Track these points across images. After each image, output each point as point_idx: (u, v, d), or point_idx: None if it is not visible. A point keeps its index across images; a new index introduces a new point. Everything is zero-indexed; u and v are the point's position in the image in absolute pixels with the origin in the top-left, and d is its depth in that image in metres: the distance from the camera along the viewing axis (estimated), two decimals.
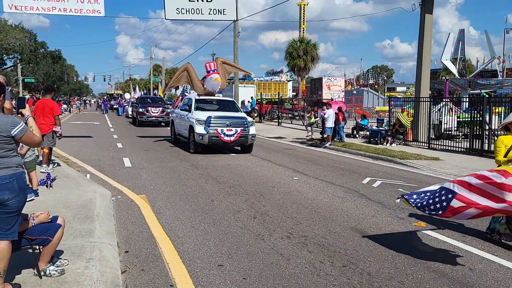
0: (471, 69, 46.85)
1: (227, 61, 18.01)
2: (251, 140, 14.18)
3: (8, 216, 3.54)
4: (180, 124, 16.00)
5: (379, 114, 30.81)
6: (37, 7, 17.81)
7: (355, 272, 4.59)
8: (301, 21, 59.81)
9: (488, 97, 16.49)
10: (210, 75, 15.86)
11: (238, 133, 13.67)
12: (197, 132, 13.60)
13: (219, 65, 16.43)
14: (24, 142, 3.76)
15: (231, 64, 18.30)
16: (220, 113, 14.47)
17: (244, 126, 13.91)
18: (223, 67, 16.84)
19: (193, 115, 14.40)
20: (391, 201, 7.89)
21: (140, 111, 27.28)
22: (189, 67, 17.00)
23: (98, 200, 6.95)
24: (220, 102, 16.11)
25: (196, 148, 13.93)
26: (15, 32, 43.90)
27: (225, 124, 13.72)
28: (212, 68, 16.00)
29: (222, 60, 17.39)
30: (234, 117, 14.27)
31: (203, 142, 13.67)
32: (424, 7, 17.42)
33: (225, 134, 13.55)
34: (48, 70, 68.67)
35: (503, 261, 4.99)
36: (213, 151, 14.25)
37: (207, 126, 13.52)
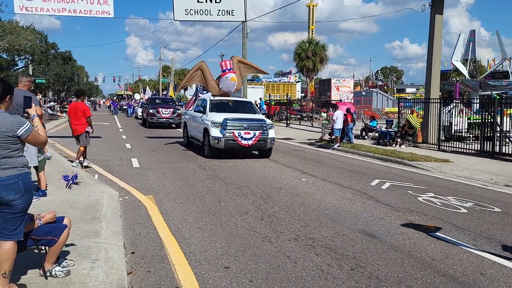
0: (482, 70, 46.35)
1: (243, 60, 17.02)
2: (270, 144, 13.30)
3: (13, 217, 3.53)
4: (194, 126, 15.25)
5: (388, 116, 30.60)
6: (47, 9, 17.95)
7: (363, 275, 4.52)
8: (310, 22, 59.61)
9: (500, 99, 16.27)
10: (225, 74, 14.96)
11: (257, 137, 12.86)
12: (213, 136, 12.85)
13: (235, 64, 15.51)
14: (30, 142, 3.73)
15: (247, 63, 17.17)
16: (237, 115, 13.62)
17: (262, 129, 13.04)
18: (239, 66, 15.87)
19: (208, 117, 13.62)
20: (400, 203, 7.80)
21: (150, 112, 26.70)
22: (203, 65, 16.14)
23: (106, 201, 6.95)
24: (236, 103, 15.40)
25: (211, 152, 13.17)
26: (27, 34, 44.26)
27: (242, 126, 12.90)
28: (228, 67, 15.09)
29: (238, 58, 16.44)
30: (252, 119, 13.43)
31: (219, 146, 12.89)
32: (434, 8, 17.26)
33: (242, 138, 12.76)
34: (58, 71, 69.22)
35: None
36: (229, 156, 13.49)
37: (223, 129, 12.74)
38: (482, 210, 7.42)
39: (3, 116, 3.57)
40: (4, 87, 3.72)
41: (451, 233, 6.03)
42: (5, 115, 3.60)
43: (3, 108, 3.67)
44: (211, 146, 13.03)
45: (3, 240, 3.54)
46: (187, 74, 16.80)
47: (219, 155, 13.23)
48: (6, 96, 3.70)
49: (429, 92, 17.60)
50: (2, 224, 3.54)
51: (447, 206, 7.64)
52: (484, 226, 6.44)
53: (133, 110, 42.67)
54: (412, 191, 8.90)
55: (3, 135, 3.49)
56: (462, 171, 11.34)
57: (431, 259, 5.03)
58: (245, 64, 16.80)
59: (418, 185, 9.53)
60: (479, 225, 6.49)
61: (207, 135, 13.29)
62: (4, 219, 3.53)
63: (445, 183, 10.01)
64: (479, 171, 11.38)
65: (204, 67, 15.99)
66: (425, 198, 8.25)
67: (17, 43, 41.89)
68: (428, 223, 6.53)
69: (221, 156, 13.27)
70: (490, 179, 10.26)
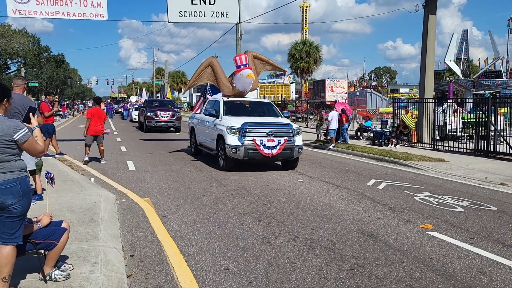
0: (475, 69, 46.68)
1: (259, 55, 14.73)
2: (298, 153, 11.29)
3: (12, 221, 3.51)
4: (204, 132, 13.14)
5: (382, 116, 30.74)
6: (40, 12, 17.85)
7: (363, 275, 4.53)
8: (304, 23, 59.80)
9: (493, 98, 16.40)
10: (240, 71, 13.01)
11: (282, 144, 10.83)
12: (229, 144, 10.83)
13: (250, 60, 13.61)
14: (25, 149, 3.63)
15: (263, 59, 14.82)
16: (258, 119, 11.62)
17: (288, 135, 11.08)
18: (254, 62, 13.95)
19: (222, 121, 11.62)
20: (397, 203, 7.83)
21: (148, 116, 25.09)
22: (213, 61, 14.29)
23: (103, 204, 6.92)
24: (254, 104, 13.52)
25: (227, 163, 11.09)
26: (19, 37, 44.05)
27: (265, 133, 10.89)
28: (243, 62, 13.16)
29: (253, 53, 14.36)
30: (275, 124, 11.40)
31: (236, 157, 10.86)
32: (428, 8, 17.36)
33: (265, 146, 10.74)
34: (51, 74, 68.86)
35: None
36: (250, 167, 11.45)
37: (242, 135, 10.77)
38: (479, 208, 7.47)
39: (1, 120, 3.54)
40: (2, 90, 3.69)
41: (449, 232, 6.07)
42: (3, 119, 3.57)
43: (1, 111, 3.65)
44: (228, 157, 10.99)
45: (2, 245, 3.52)
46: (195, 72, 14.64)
47: (237, 167, 11.25)
48: (3, 99, 3.68)
49: (423, 92, 17.69)
50: (1, 228, 3.51)
51: (444, 205, 7.68)
52: (480, 224, 6.48)
53: (128, 113, 42.17)
54: (408, 190, 8.94)
55: (0, 139, 3.47)
56: (457, 170, 11.41)
57: (430, 258, 5.06)
58: (261, 60, 14.70)
59: (414, 185, 9.58)
60: (476, 223, 6.53)
61: (221, 143, 11.30)
62: (2, 223, 3.50)
63: (440, 182, 10.07)
64: (474, 170, 11.45)
65: (214, 63, 14.22)
66: (421, 197, 8.29)
67: (10, 46, 41.67)
68: (425, 222, 6.56)
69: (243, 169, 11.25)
70: (485, 178, 10.33)
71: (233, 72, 13.50)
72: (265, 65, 14.84)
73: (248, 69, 13.03)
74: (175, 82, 79.94)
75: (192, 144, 14.69)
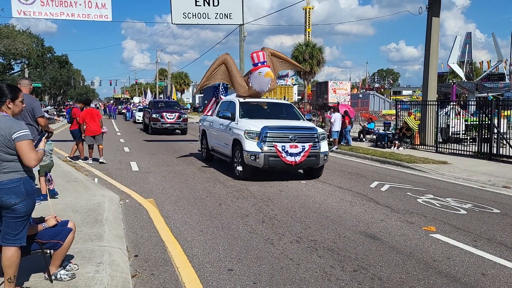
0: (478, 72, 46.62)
1: (277, 53, 13.55)
2: (323, 160, 10.24)
3: (16, 221, 3.50)
4: (218, 136, 12.08)
5: (385, 118, 30.73)
6: (45, 12, 17.94)
7: (366, 277, 4.55)
8: (307, 25, 59.79)
9: (496, 101, 16.38)
10: (258, 69, 11.93)
11: (306, 151, 9.80)
12: (248, 150, 9.80)
13: (267, 58, 12.48)
14: (18, 150, 3.49)
15: (282, 57, 13.73)
16: (279, 122, 10.62)
17: (313, 141, 10.04)
18: (271, 60, 12.85)
19: (239, 125, 10.62)
20: (400, 205, 7.84)
21: (153, 117, 24.35)
22: (228, 59, 13.13)
23: (107, 204, 6.95)
24: (273, 106, 12.55)
25: (245, 172, 10.07)
26: (23, 38, 44.24)
27: (287, 138, 9.83)
28: (261, 60, 12.07)
29: (270, 50, 13.18)
30: (299, 128, 10.32)
31: (255, 165, 9.82)
32: (431, 11, 17.37)
33: (287, 153, 9.70)
34: (55, 74, 69.13)
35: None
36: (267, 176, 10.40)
37: (262, 141, 9.72)
38: (481, 211, 7.47)
39: (6, 120, 3.54)
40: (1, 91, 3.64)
41: (452, 234, 6.07)
42: (8, 119, 3.56)
43: (8, 112, 3.65)
44: (245, 164, 9.97)
45: (6, 246, 3.54)
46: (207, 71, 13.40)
47: (255, 176, 10.20)
48: (5, 99, 3.63)
49: (426, 94, 17.69)
50: (4, 229, 3.52)
51: (447, 207, 7.69)
52: (484, 227, 6.49)
53: (131, 114, 41.99)
54: (411, 192, 8.95)
55: (3, 138, 3.46)
56: (460, 173, 11.40)
57: (433, 260, 5.07)
58: (279, 57, 13.56)
59: (417, 187, 9.58)
60: (479, 226, 6.54)
61: (238, 149, 10.29)
62: (6, 223, 3.51)
63: (443, 184, 10.07)
64: (477, 172, 11.45)
65: (229, 61, 13.07)
66: (424, 199, 8.30)
67: (14, 47, 41.85)
68: (428, 224, 6.57)
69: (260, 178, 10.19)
70: (488, 181, 10.33)
71: (249, 71, 12.52)
72: (283, 63, 13.82)
73: (266, 67, 12.01)
74: (178, 83, 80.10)
75: (203, 149, 13.71)
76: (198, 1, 19.87)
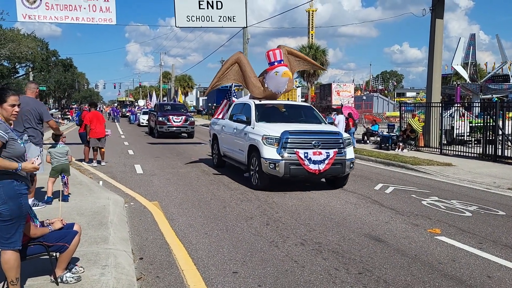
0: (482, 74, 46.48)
1: (294, 51, 12.66)
2: (349, 168, 9.34)
3: (4, 225, 3.48)
4: (231, 142, 11.23)
5: (389, 120, 30.69)
6: (50, 16, 18.06)
7: (371, 279, 4.54)
8: (310, 27, 59.85)
9: (501, 102, 16.33)
10: (274, 69, 10.94)
11: (331, 158, 8.88)
12: (266, 157, 8.93)
13: (284, 56, 11.46)
14: None
15: (299, 56, 12.75)
16: (299, 126, 9.70)
17: (338, 147, 9.15)
18: (288, 59, 11.85)
19: (255, 129, 9.73)
20: (404, 207, 7.83)
21: (160, 120, 23.54)
22: (241, 58, 12.12)
23: (112, 207, 6.98)
24: (292, 109, 11.61)
25: (262, 181, 9.20)
26: (28, 41, 44.52)
27: (310, 143, 8.94)
28: (278, 58, 11.10)
29: (287, 49, 12.23)
30: (322, 133, 9.47)
31: (275, 173, 8.92)
32: (435, 12, 17.35)
33: (310, 160, 8.77)
34: (59, 78, 69.54)
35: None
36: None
37: (282, 147, 8.85)
38: (487, 213, 7.45)
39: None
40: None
41: (457, 237, 6.06)
42: None
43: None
44: (263, 173, 9.11)
45: (1, 249, 3.55)
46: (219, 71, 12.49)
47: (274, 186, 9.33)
48: None
49: (430, 96, 17.65)
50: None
51: (452, 209, 7.67)
52: (489, 229, 6.47)
53: (135, 117, 41.91)
54: (416, 195, 8.93)
55: None
56: (465, 175, 11.37)
57: (438, 262, 5.06)
58: (297, 56, 12.57)
59: (422, 189, 9.56)
60: (484, 228, 6.52)
61: (255, 156, 9.43)
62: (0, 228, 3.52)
63: (448, 186, 10.04)
64: (482, 174, 11.41)
65: (242, 59, 12.07)
66: (429, 202, 8.28)
67: (18, 50, 42.11)
68: (433, 226, 6.56)
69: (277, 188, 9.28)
70: (493, 183, 10.29)
71: (265, 70, 11.51)
72: (300, 62, 12.65)
73: (284, 67, 11.00)
74: (182, 86, 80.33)
75: (214, 154, 12.85)
76: (201, 4, 19.97)
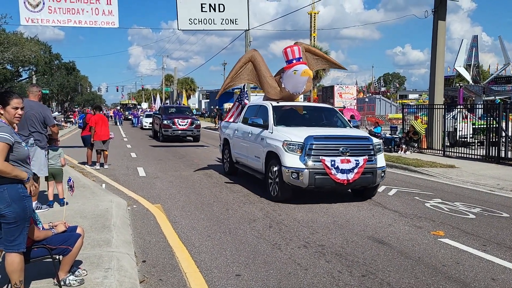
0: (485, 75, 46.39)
1: (312, 49, 11.61)
2: (381, 177, 8.41)
3: (8, 227, 3.49)
4: (245, 147, 10.27)
5: (392, 122, 30.65)
6: (53, 20, 18.13)
7: (375, 282, 4.52)
8: (312, 30, 59.92)
9: (504, 104, 16.29)
10: (292, 67, 9.92)
11: (361, 166, 7.92)
12: (288, 166, 7.96)
13: (301, 54, 10.37)
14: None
15: (318, 54, 11.61)
16: (324, 131, 8.80)
17: (368, 153, 8.17)
18: (306, 57, 10.71)
19: (274, 134, 8.79)
20: (407, 209, 7.80)
21: (165, 124, 22.87)
22: (256, 56, 10.99)
23: (114, 210, 6.98)
24: (311, 111, 10.55)
25: (283, 192, 8.21)
26: (31, 45, 44.75)
27: (337, 150, 7.96)
28: (296, 56, 10.04)
29: (305, 46, 11.13)
30: (350, 138, 8.53)
31: (298, 184, 7.97)
32: (437, 14, 17.34)
33: (338, 169, 7.81)
34: (62, 81, 69.79)
35: None
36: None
37: (306, 154, 7.89)
38: (490, 215, 7.42)
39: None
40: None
41: (461, 239, 6.03)
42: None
43: (2, 118, 3.60)
44: (284, 183, 8.12)
45: (6, 252, 3.56)
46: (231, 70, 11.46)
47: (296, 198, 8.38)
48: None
49: (433, 98, 17.62)
50: (3, 235, 3.54)
51: (455, 212, 7.64)
52: (493, 231, 6.44)
53: (138, 120, 41.92)
54: (419, 197, 8.90)
55: None
56: (468, 177, 11.32)
57: (442, 265, 5.03)
58: (315, 54, 11.46)
59: (425, 191, 9.53)
60: (488, 230, 6.49)
61: (274, 164, 8.48)
62: (3, 230, 3.53)
63: (451, 188, 10.01)
64: (485, 176, 11.36)
65: (257, 57, 10.96)
66: (432, 204, 8.25)
67: (22, 54, 42.32)
68: (437, 229, 6.53)
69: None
70: (497, 185, 10.25)
71: (282, 69, 10.52)
72: (319, 61, 11.50)
73: (303, 65, 9.97)
74: (184, 88, 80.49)
75: (225, 161, 11.94)
76: (204, 7, 19.99)
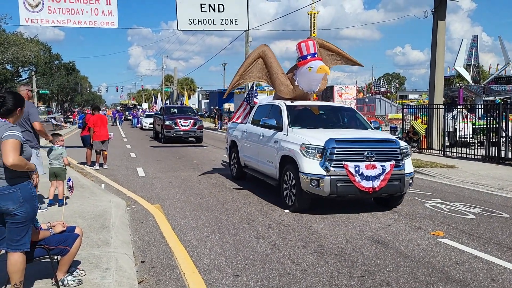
0: (485, 75, 46.39)
1: (327, 44, 10.43)
2: (409, 185, 7.65)
3: (16, 227, 3.50)
4: (256, 150, 9.53)
5: (392, 122, 30.64)
6: (52, 20, 18.16)
7: (374, 282, 4.51)
8: (312, 30, 59.83)
9: (504, 104, 16.28)
10: (307, 63, 9.04)
11: (387, 173, 7.10)
12: (306, 172, 7.14)
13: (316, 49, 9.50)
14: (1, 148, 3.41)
15: (333, 50, 10.46)
16: (344, 133, 7.88)
17: (395, 158, 7.37)
18: (320, 53, 9.78)
19: (289, 136, 7.96)
20: (407, 209, 7.79)
21: (166, 124, 22.21)
22: (266, 52, 10.06)
23: (113, 210, 6.97)
24: (329, 111, 9.64)
25: (301, 202, 7.44)
26: (31, 45, 44.78)
27: (362, 155, 7.13)
28: (311, 51, 9.18)
29: (319, 41, 10.13)
30: (375, 141, 7.65)
31: (318, 193, 7.15)
32: (437, 14, 17.35)
33: (363, 176, 6.98)
34: (62, 81, 69.82)
35: None
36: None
37: (327, 159, 7.06)
38: (490, 216, 7.40)
39: (2, 124, 3.51)
40: (15, 99, 3.68)
41: (460, 239, 6.01)
42: (4, 124, 3.52)
43: (11, 120, 3.63)
44: (302, 191, 7.31)
45: (10, 251, 3.56)
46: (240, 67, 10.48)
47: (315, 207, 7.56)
48: (16, 108, 3.68)
49: (433, 98, 17.62)
50: (8, 235, 3.55)
51: (455, 212, 7.62)
52: (493, 232, 6.42)
53: (138, 121, 41.82)
54: (418, 197, 8.89)
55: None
56: (468, 177, 11.31)
57: (441, 265, 5.02)
58: (330, 50, 10.42)
59: (425, 191, 9.52)
60: (488, 231, 6.47)
61: (290, 170, 7.69)
62: (9, 229, 3.53)
63: (451, 189, 9.99)
64: (485, 176, 11.35)
65: (268, 53, 10.05)
66: (432, 204, 8.24)
67: (22, 54, 42.35)
68: (437, 229, 6.52)
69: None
70: (497, 185, 10.23)
71: (295, 65, 9.71)
72: (334, 57, 10.49)
73: (319, 61, 9.08)
74: (184, 89, 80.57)
75: (232, 165, 11.20)
76: (203, 7, 20.02)
